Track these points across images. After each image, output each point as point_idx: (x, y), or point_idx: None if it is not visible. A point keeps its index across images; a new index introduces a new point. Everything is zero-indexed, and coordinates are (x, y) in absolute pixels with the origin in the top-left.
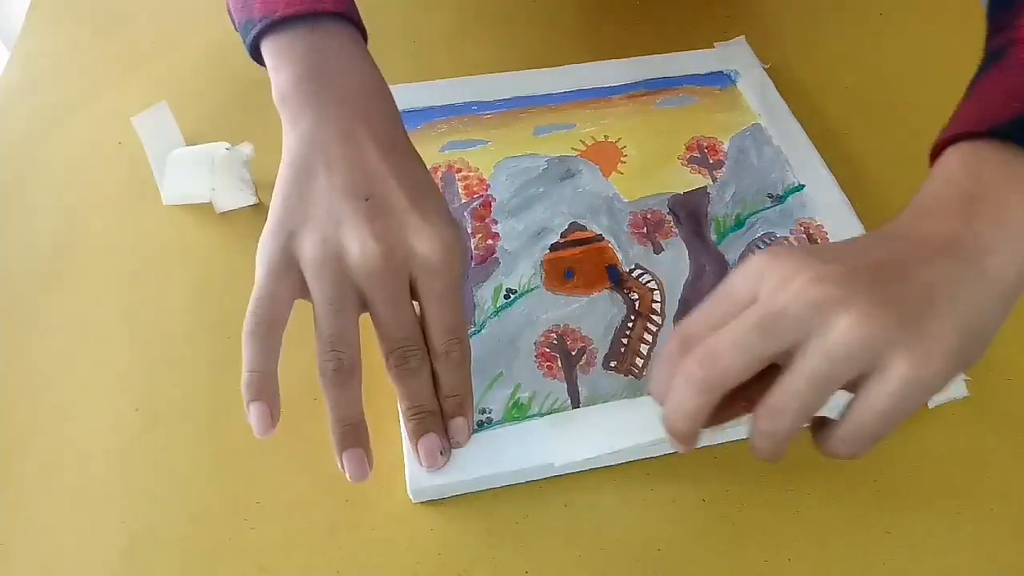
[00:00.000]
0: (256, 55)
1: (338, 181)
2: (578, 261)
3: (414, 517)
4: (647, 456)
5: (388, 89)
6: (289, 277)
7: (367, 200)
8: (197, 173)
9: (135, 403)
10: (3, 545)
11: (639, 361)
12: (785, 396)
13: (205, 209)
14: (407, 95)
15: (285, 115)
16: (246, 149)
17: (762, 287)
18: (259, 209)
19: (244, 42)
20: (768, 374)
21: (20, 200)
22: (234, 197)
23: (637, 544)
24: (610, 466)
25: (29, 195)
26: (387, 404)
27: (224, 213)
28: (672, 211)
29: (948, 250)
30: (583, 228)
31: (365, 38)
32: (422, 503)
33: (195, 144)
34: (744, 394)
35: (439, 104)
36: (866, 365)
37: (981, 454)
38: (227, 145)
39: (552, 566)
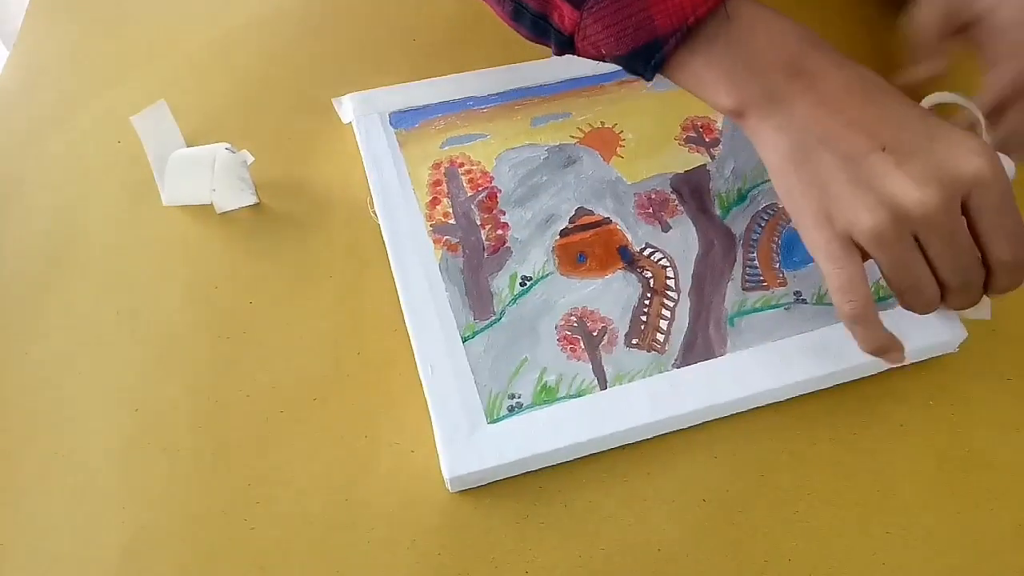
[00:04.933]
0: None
1: (843, 148)
2: (589, 244)
3: (413, 517)
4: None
5: (816, 33)
6: (855, 257)
7: (884, 151)
8: (197, 174)
9: (135, 403)
10: (3, 545)
11: (660, 336)
12: None
13: (205, 210)
14: (403, 95)
15: (746, 123)
16: (246, 157)
17: None
18: (259, 209)
19: (632, 67)
20: None
21: (19, 200)
22: (234, 197)
23: (637, 544)
24: (609, 466)
25: (28, 195)
26: (374, 403)
27: (224, 213)
28: (675, 190)
29: None
30: (590, 212)
31: None
32: (420, 503)
33: (195, 144)
34: None
35: (435, 102)
36: None
37: (981, 454)
38: (227, 145)
39: (552, 566)
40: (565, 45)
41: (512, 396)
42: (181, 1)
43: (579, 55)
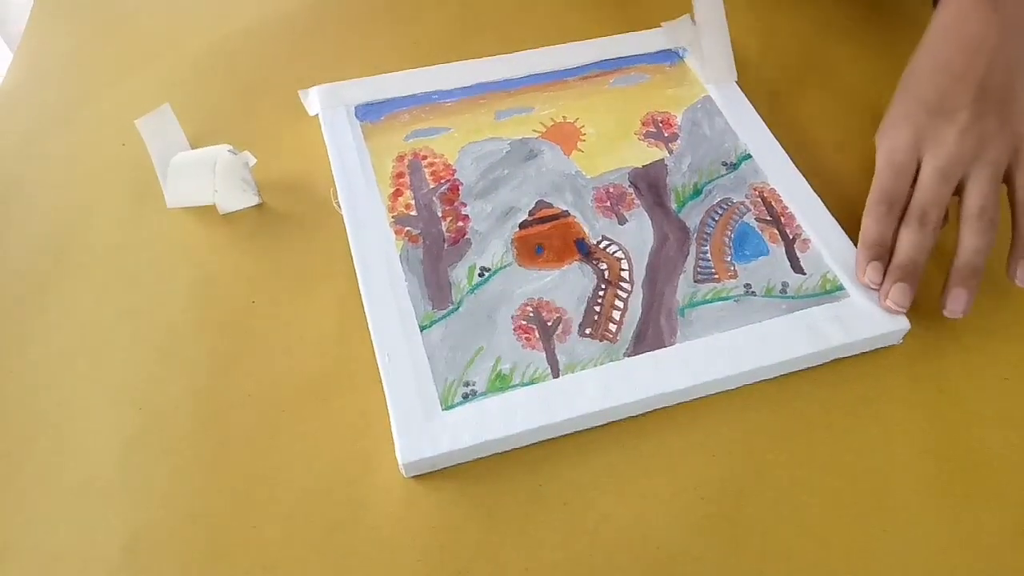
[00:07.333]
0: None
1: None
2: (547, 237)
3: (414, 516)
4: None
5: None
6: None
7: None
8: (200, 176)
9: (137, 402)
10: (4, 544)
11: (612, 327)
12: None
13: (208, 211)
14: (369, 88)
15: None
16: (248, 158)
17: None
18: (262, 210)
19: None
20: None
21: (23, 201)
22: (237, 199)
23: (637, 543)
24: (609, 465)
25: (32, 196)
26: (375, 402)
27: (227, 215)
28: (633, 184)
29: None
30: (549, 205)
31: None
32: (421, 501)
33: (199, 146)
34: None
35: (400, 95)
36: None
37: (981, 454)
38: (229, 147)
39: (552, 565)
40: None
41: (467, 384)
42: (184, 3)
43: None
